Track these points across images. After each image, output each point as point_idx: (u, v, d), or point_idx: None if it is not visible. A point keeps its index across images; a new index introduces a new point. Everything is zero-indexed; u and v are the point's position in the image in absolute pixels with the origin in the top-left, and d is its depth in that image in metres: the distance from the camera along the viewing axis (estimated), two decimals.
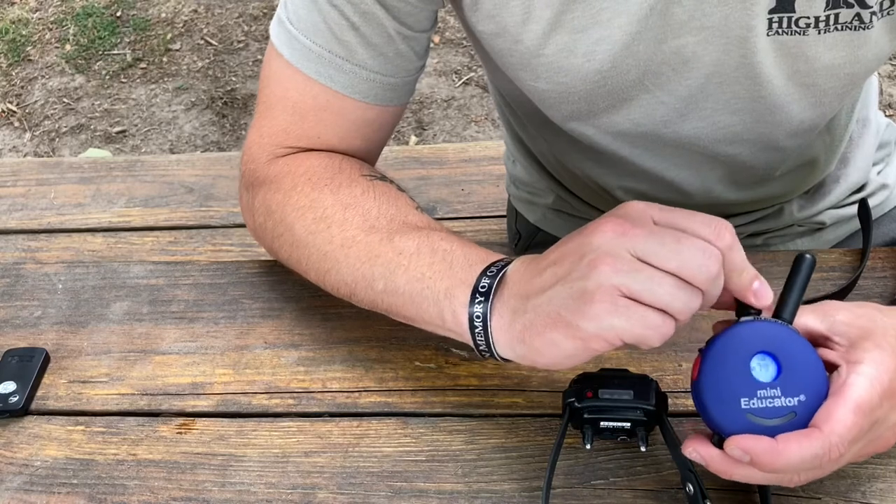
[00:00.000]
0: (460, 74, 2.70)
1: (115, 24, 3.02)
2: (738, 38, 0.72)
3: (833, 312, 0.62)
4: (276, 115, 0.81)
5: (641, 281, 0.57)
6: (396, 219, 0.73)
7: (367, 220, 0.73)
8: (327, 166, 0.78)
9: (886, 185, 1.02)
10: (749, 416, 0.57)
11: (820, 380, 0.58)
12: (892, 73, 2.55)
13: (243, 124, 2.63)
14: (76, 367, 0.80)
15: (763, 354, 0.58)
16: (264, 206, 0.80)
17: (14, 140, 2.66)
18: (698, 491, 0.63)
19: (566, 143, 0.89)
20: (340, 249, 0.73)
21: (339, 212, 0.74)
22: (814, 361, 0.58)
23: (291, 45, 0.78)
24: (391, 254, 0.70)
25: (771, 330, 0.59)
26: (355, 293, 0.73)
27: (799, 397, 0.57)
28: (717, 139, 0.82)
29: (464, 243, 0.69)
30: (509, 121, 1.02)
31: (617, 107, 0.79)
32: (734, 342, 0.59)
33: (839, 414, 0.56)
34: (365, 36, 0.75)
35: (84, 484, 0.71)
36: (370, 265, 0.71)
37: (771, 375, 0.58)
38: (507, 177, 1.15)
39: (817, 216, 1.00)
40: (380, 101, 0.79)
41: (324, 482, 0.69)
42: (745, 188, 0.91)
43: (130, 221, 1.17)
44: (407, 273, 0.68)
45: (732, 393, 0.58)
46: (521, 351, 0.63)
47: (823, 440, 0.56)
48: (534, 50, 0.75)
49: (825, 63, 0.74)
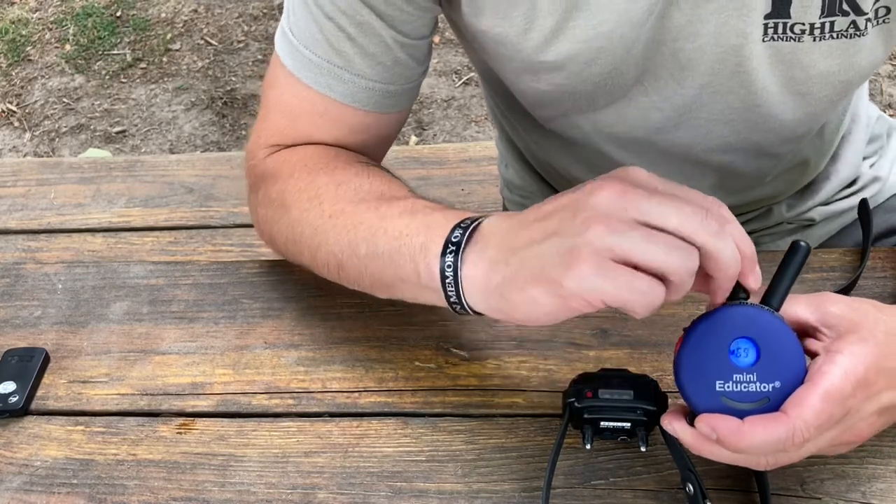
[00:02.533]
0: (460, 74, 2.70)
1: (115, 24, 3.02)
2: (733, 45, 0.72)
3: (827, 304, 0.61)
4: (273, 119, 0.82)
5: (635, 240, 0.55)
6: (387, 193, 0.73)
7: (357, 193, 0.73)
8: (322, 154, 0.79)
9: (879, 177, 1.02)
10: (723, 398, 0.58)
11: (798, 368, 0.58)
12: (891, 73, 2.55)
13: (243, 124, 2.63)
14: (76, 367, 0.80)
15: (744, 339, 0.59)
16: (266, 198, 0.80)
17: (14, 140, 2.66)
18: (698, 491, 0.63)
19: (557, 146, 0.90)
20: (329, 220, 0.73)
21: (332, 188, 0.75)
22: (794, 350, 0.59)
23: (293, 55, 0.78)
24: (374, 219, 0.70)
25: (755, 316, 0.59)
26: (342, 264, 0.73)
27: (774, 384, 0.58)
28: (709, 148, 0.82)
29: (446, 207, 0.69)
30: (501, 124, 1.02)
31: (615, 104, 0.79)
32: (717, 324, 0.59)
33: (808, 400, 0.56)
34: (362, 46, 0.75)
35: (84, 484, 0.71)
36: (355, 231, 0.71)
37: (749, 361, 0.58)
38: (500, 181, 1.15)
39: (806, 213, 1.00)
40: (379, 108, 0.80)
41: (324, 482, 0.69)
42: (736, 193, 0.91)
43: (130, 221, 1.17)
44: (387, 234, 0.68)
45: (709, 374, 0.58)
46: (495, 304, 0.62)
47: (788, 425, 0.56)
48: (535, 57, 0.75)
49: (820, 70, 0.74)
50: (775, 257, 0.81)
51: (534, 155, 1.00)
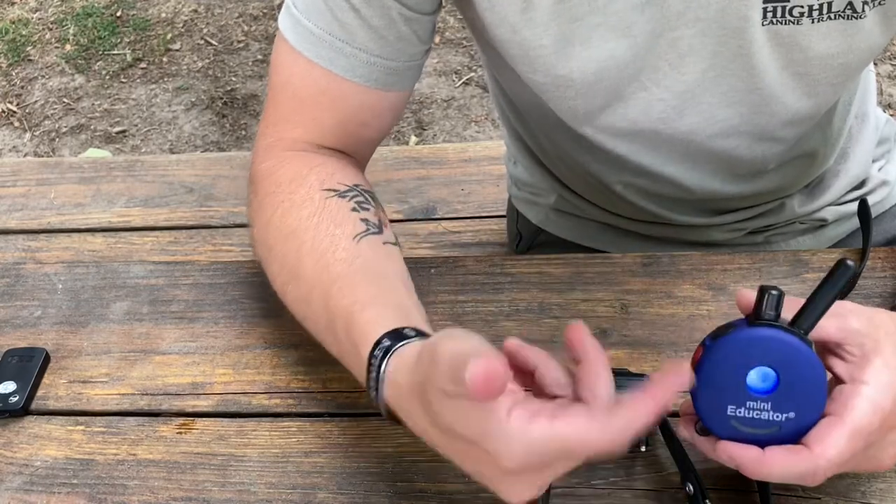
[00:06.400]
0: (460, 74, 2.70)
1: (115, 24, 3.02)
2: (734, 29, 0.73)
3: (849, 320, 0.59)
4: (279, 102, 0.82)
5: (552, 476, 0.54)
6: (320, 262, 0.71)
7: (298, 259, 0.73)
8: (293, 177, 0.77)
9: (887, 181, 1.03)
10: (733, 422, 0.57)
11: (817, 402, 0.56)
12: (891, 73, 2.55)
13: (243, 124, 2.63)
14: (76, 367, 0.80)
15: (764, 367, 0.57)
16: (250, 207, 0.81)
17: (14, 140, 2.66)
18: (698, 491, 0.63)
19: (565, 138, 0.90)
20: (283, 287, 0.75)
21: (280, 243, 0.75)
22: (816, 382, 0.56)
23: (295, 28, 0.79)
24: (312, 317, 0.72)
25: (781, 341, 0.56)
26: (314, 333, 0.74)
27: (788, 414, 0.57)
28: (713, 133, 0.82)
29: (360, 317, 0.66)
30: (510, 120, 1.02)
31: (614, 106, 0.79)
32: (739, 346, 0.57)
33: (833, 438, 0.55)
34: (366, 18, 0.76)
35: (84, 484, 0.71)
36: (303, 319, 0.73)
37: (766, 388, 0.57)
38: (507, 178, 1.15)
39: (818, 212, 1.00)
40: (380, 85, 0.79)
41: (324, 482, 0.69)
42: (744, 181, 0.91)
43: (130, 221, 1.17)
44: (329, 336, 0.70)
45: (722, 397, 0.57)
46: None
47: (811, 462, 0.55)
48: (532, 41, 0.75)
49: (819, 52, 0.74)
50: (788, 257, 0.82)
51: (543, 150, 1.01)
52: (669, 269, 0.82)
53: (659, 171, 0.88)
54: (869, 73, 1.01)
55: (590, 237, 1.05)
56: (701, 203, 0.94)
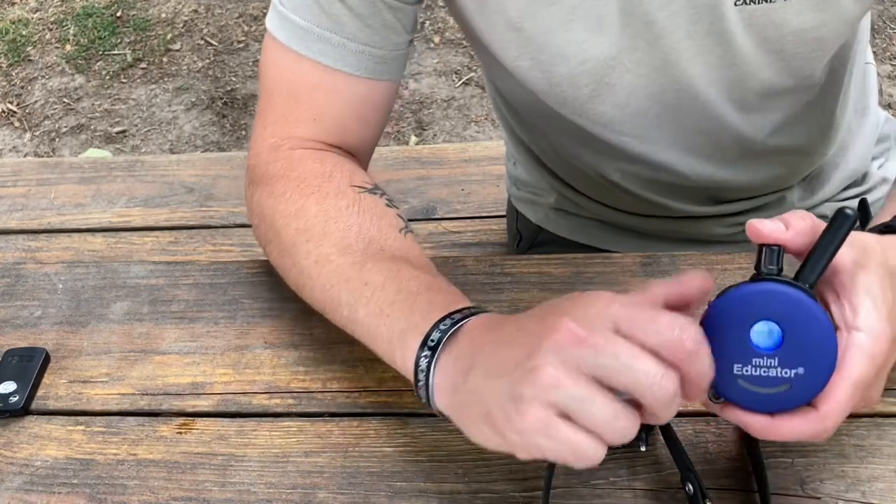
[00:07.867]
0: (460, 74, 2.70)
1: (116, 24, 3.02)
2: (706, 5, 0.75)
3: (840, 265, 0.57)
4: (274, 102, 0.83)
5: (579, 402, 0.52)
6: (375, 242, 0.73)
7: (345, 238, 0.73)
8: (318, 173, 0.78)
9: (887, 179, 1.03)
10: (740, 381, 0.56)
11: (826, 354, 0.55)
12: (891, 73, 2.55)
13: (243, 124, 2.63)
14: (76, 367, 0.81)
15: (767, 321, 0.55)
16: (259, 207, 0.80)
17: (14, 140, 2.66)
18: (698, 491, 0.63)
19: (560, 131, 0.90)
20: (315, 266, 0.73)
21: (320, 224, 0.74)
22: (823, 335, 0.55)
23: (283, 25, 0.80)
24: (358, 282, 0.70)
25: (785, 294, 0.55)
26: (325, 312, 0.74)
27: (797, 370, 0.55)
28: (695, 110, 0.83)
29: (431, 286, 0.67)
30: (508, 120, 1.03)
31: (602, 95, 0.82)
32: (741, 302, 0.56)
33: (837, 395, 0.55)
34: (351, 7, 0.77)
35: (84, 484, 0.71)
36: (338, 289, 0.71)
37: (771, 344, 0.55)
38: (507, 178, 1.15)
39: (818, 207, 1.00)
40: (370, 73, 0.81)
41: (324, 482, 0.69)
42: (738, 166, 0.92)
43: (130, 221, 1.17)
44: (368, 306, 0.68)
45: (727, 356, 0.55)
46: (455, 421, 0.61)
47: (819, 422, 0.55)
48: (515, 21, 0.77)
49: (792, 28, 0.76)
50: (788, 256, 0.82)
51: (541, 148, 1.01)
52: (669, 268, 0.83)
53: (652, 158, 0.89)
54: (869, 67, 1.01)
55: (590, 236, 1.05)
56: (698, 191, 0.95)
